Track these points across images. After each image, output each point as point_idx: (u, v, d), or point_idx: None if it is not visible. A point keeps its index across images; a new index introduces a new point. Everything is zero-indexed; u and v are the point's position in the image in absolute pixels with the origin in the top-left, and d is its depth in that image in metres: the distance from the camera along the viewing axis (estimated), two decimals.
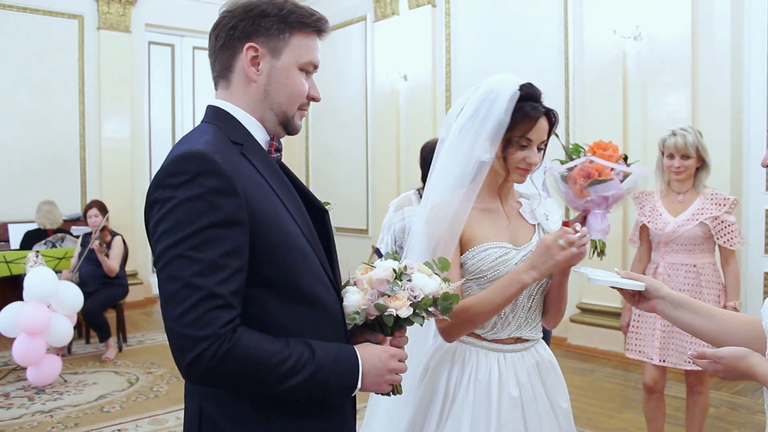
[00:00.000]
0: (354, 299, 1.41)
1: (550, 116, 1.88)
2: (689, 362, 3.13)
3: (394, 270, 1.42)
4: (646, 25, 5.29)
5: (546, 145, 1.90)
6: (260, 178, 1.31)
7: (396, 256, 1.51)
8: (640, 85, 5.41)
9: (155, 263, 1.23)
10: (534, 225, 1.93)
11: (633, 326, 3.37)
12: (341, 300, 1.42)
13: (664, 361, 3.24)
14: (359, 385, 1.33)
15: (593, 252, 3.31)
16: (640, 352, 3.32)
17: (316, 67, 1.43)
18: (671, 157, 3.20)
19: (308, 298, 1.33)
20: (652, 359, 3.27)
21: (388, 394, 1.46)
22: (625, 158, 3.21)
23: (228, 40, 1.36)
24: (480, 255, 1.83)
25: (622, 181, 3.10)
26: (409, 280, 1.42)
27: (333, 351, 1.31)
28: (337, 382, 1.30)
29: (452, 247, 1.84)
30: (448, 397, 1.87)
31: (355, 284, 1.45)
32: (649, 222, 3.28)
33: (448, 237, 1.85)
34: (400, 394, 1.51)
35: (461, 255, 1.86)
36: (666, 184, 3.30)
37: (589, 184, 3.14)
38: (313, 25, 1.39)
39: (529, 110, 1.84)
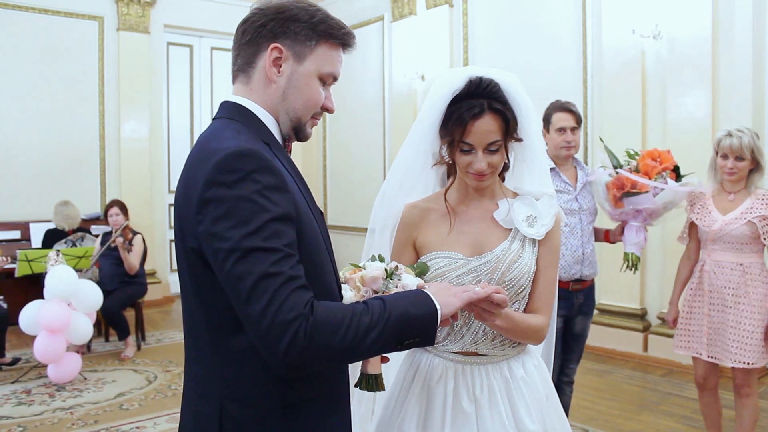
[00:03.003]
0: (347, 296, 1.45)
1: (502, 114, 1.67)
2: (732, 360, 3.13)
3: (386, 269, 1.48)
4: (666, 24, 5.25)
5: (505, 146, 1.71)
6: (290, 177, 1.32)
7: (382, 258, 1.56)
8: (659, 85, 5.36)
9: (222, 262, 1.19)
10: (509, 230, 1.77)
11: (682, 322, 3.35)
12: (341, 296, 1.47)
13: (712, 357, 3.24)
14: (437, 304, 1.31)
15: (625, 266, 3.27)
16: (688, 348, 3.31)
17: (335, 79, 1.43)
18: (725, 157, 3.17)
19: (327, 294, 1.36)
20: (700, 354, 3.26)
21: (372, 390, 1.54)
22: (676, 170, 3.15)
23: (254, 37, 1.36)
24: (428, 263, 1.76)
25: (656, 196, 3.07)
26: (399, 279, 1.48)
27: (392, 294, 1.35)
28: (416, 309, 1.29)
29: (405, 253, 1.81)
30: (400, 397, 1.83)
31: (345, 283, 1.49)
32: (697, 219, 3.25)
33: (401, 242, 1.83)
34: (383, 390, 1.56)
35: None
36: (718, 184, 3.27)
37: (622, 196, 3.11)
38: (341, 38, 1.40)
39: (462, 111, 1.66)
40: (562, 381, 3.40)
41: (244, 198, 1.18)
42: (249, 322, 1.18)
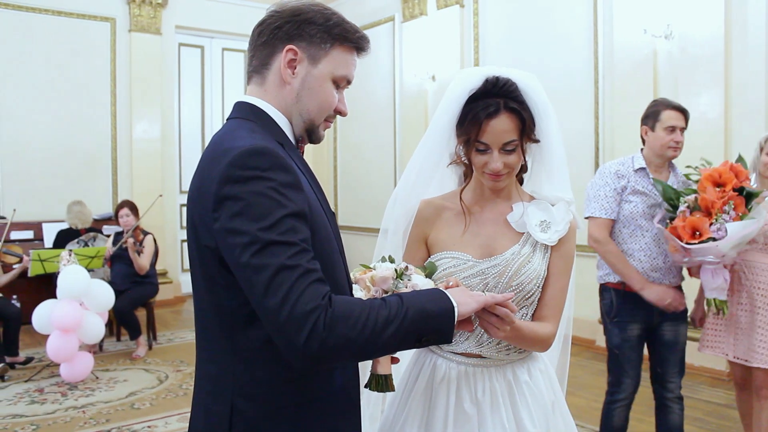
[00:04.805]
0: (358, 296, 1.45)
1: (518, 113, 1.65)
2: (759, 361, 3.04)
3: (396, 270, 1.49)
4: (678, 23, 5.22)
5: (521, 146, 1.69)
6: (303, 176, 1.33)
7: (392, 259, 1.55)
8: (671, 85, 5.33)
9: (239, 255, 1.19)
10: (522, 233, 1.75)
11: (710, 322, 3.24)
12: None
13: (738, 358, 3.14)
14: (455, 303, 1.31)
15: (712, 312, 3.12)
16: (714, 348, 3.21)
17: (349, 82, 1.44)
18: None
19: (341, 293, 1.36)
20: (727, 355, 3.17)
21: (382, 391, 1.53)
22: (742, 192, 2.84)
23: (270, 39, 1.37)
24: (436, 263, 1.75)
25: (719, 240, 2.80)
26: (409, 279, 1.48)
27: (412, 291, 1.36)
28: (434, 305, 1.29)
29: (416, 251, 1.80)
30: (404, 396, 1.82)
31: (356, 283, 1.50)
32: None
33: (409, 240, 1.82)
34: (393, 391, 1.55)
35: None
36: (758, 183, 3.17)
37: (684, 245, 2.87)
38: (356, 41, 1.41)
39: (478, 110, 1.65)
40: (666, 397, 3.18)
41: (260, 194, 1.20)
42: (267, 314, 1.18)
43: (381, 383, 1.54)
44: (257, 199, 1.19)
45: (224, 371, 1.32)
